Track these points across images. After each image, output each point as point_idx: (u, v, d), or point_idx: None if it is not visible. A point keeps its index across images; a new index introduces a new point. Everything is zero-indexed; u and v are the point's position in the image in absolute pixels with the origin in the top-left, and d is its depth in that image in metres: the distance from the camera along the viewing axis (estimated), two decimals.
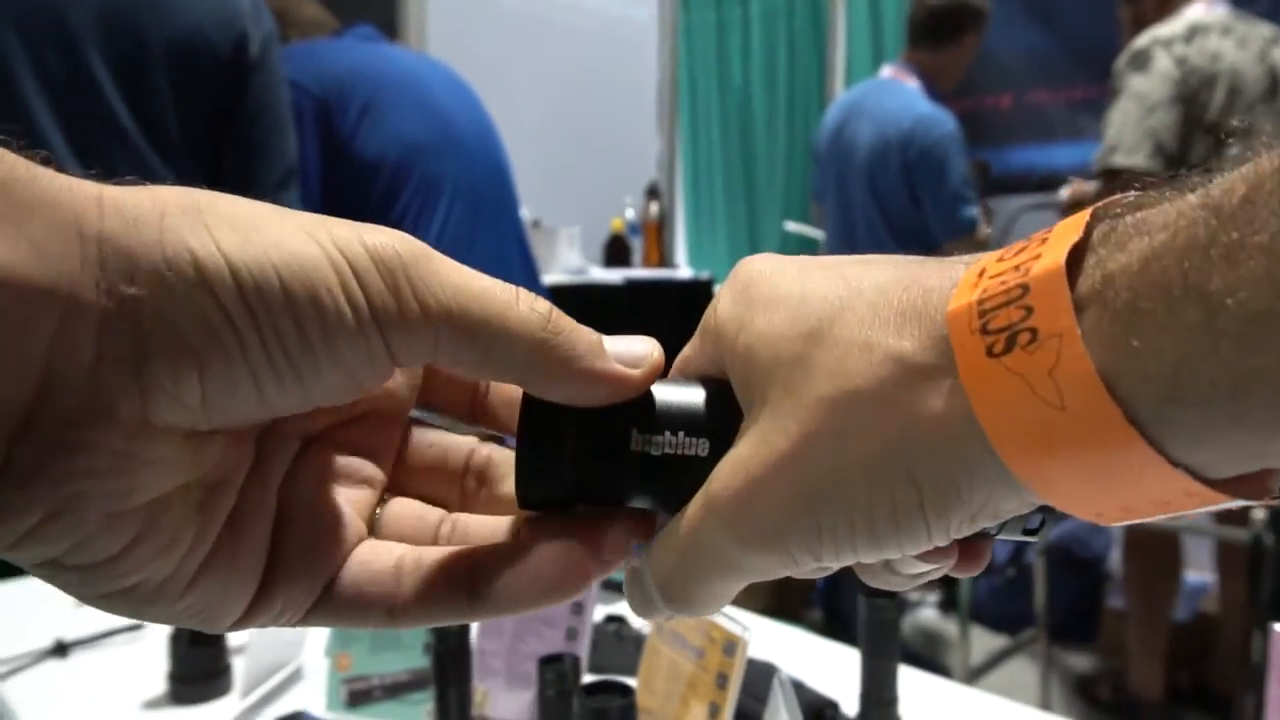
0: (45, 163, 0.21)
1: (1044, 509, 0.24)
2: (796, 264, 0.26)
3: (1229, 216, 0.17)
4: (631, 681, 0.77)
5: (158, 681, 0.92)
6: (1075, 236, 0.20)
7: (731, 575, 0.25)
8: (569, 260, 2.71)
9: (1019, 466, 0.20)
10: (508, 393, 0.30)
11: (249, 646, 0.87)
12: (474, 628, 0.80)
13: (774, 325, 0.24)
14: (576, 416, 0.26)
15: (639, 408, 0.26)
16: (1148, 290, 0.18)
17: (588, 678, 0.82)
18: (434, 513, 0.29)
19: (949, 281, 0.22)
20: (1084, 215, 0.20)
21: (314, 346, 0.22)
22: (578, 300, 2.44)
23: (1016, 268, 0.20)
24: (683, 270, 3.26)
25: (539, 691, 0.68)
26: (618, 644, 0.96)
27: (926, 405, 0.21)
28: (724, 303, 0.26)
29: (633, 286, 2.65)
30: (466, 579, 0.26)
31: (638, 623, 1.01)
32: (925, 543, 0.23)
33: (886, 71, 2.42)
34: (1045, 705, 2.08)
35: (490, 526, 0.28)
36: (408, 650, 0.86)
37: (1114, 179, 1.95)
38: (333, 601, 0.26)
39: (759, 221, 3.53)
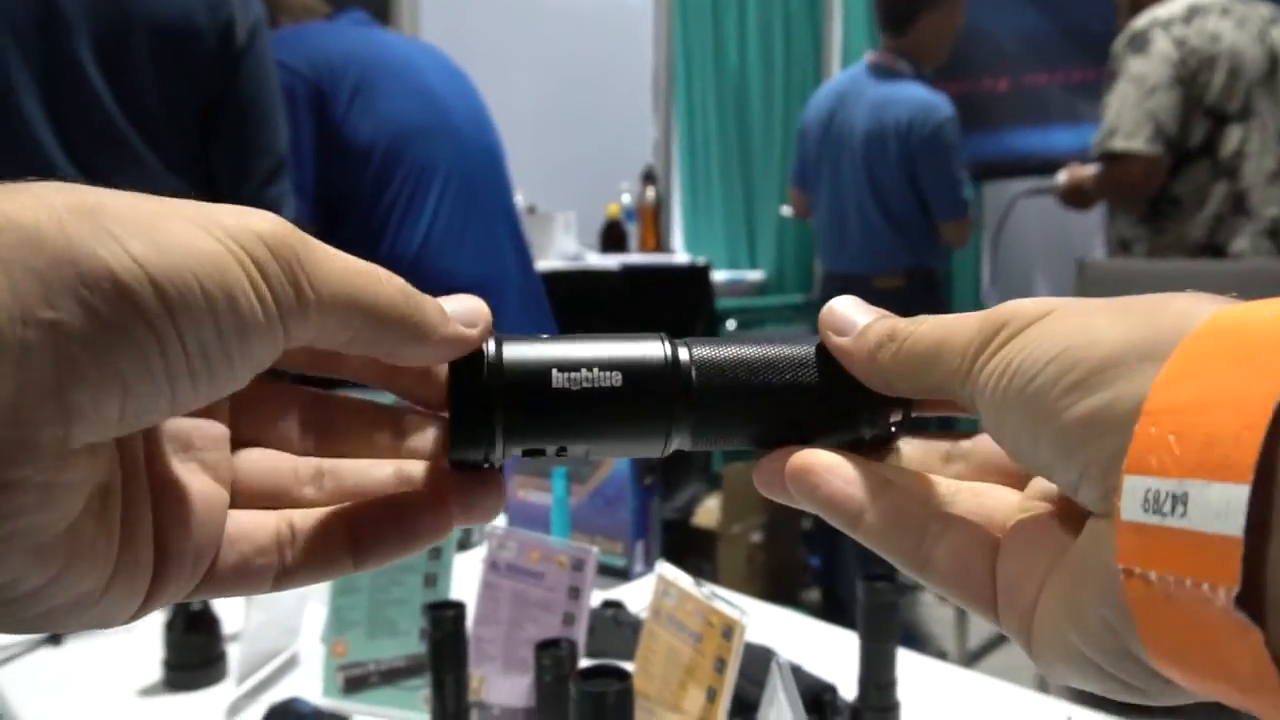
0: None
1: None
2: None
3: None
4: (629, 666, 0.76)
5: (153, 669, 0.91)
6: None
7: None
8: (565, 246, 2.70)
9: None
10: None
11: (244, 634, 0.87)
12: (470, 614, 0.80)
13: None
14: (500, 370, 0.28)
15: (555, 354, 0.28)
16: None
17: (585, 663, 0.81)
18: (285, 461, 0.29)
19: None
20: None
21: (230, 347, 0.22)
22: (574, 286, 2.42)
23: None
24: (679, 255, 3.24)
25: (536, 676, 0.68)
26: (615, 629, 0.95)
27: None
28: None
29: (629, 272, 2.63)
30: (348, 538, 0.27)
31: (635, 608, 1.01)
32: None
33: (870, 57, 2.42)
34: (1043, 688, 2.09)
35: (362, 473, 0.29)
36: (404, 636, 0.86)
37: (1114, 162, 1.94)
38: (218, 576, 0.26)
39: (755, 205, 3.52)
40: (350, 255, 0.25)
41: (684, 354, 0.29)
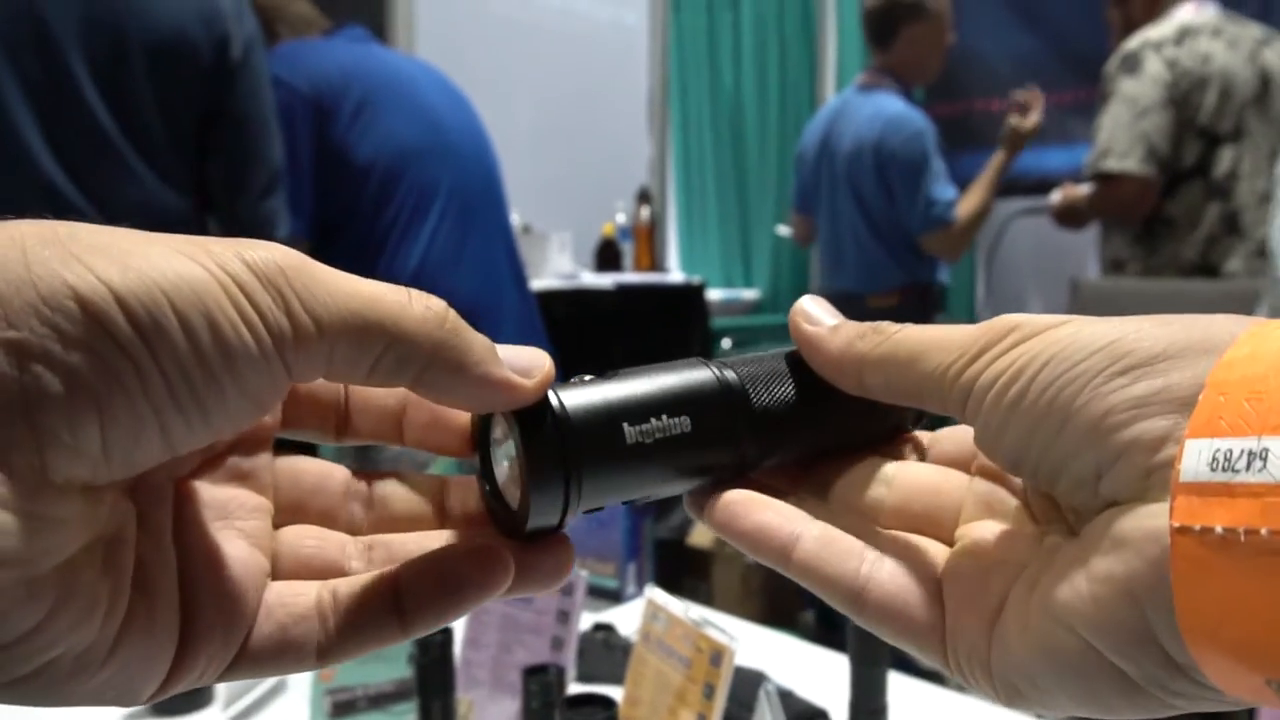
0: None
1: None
2: None
3: None
4: (619, 691, 0.76)
5: None
6: None
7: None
8: (560, 265, 2.70)
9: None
10: (375, 404, 0.29)
11: None
12: (459, 637, 0.79)
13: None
14: (565, 429, 0.26)
15: (619, 404, 0.26)
16: None
17: (575, 687, 0.80)
18: (334, 536, 0.28)
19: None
20: None
21: (216, 374, 0.20)
22: (569, 305, 2.42)
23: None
24: (674, 274, 3.24)
25: (523, 702, 0.67)
26: (606, 653, 0.94)
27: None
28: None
29: (624, 291, 2.63)
30: (393, 602, 0.25)
31: (626, 630, 1.00)
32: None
33: (860, 78, 2.43)
34: (1037, 712, 2.07)
35: (412, 543, 0.27)
36: (392, 661, 0.85)
37: (1107, 183, 1.95)
38: (255, 649, 0.24)
39: (750, 225, 3.53)
40: (369, 279, 0.23)
41: (731, 376, 0.29)
